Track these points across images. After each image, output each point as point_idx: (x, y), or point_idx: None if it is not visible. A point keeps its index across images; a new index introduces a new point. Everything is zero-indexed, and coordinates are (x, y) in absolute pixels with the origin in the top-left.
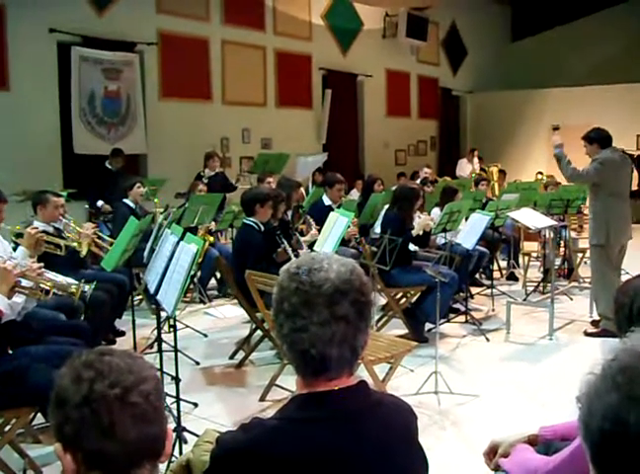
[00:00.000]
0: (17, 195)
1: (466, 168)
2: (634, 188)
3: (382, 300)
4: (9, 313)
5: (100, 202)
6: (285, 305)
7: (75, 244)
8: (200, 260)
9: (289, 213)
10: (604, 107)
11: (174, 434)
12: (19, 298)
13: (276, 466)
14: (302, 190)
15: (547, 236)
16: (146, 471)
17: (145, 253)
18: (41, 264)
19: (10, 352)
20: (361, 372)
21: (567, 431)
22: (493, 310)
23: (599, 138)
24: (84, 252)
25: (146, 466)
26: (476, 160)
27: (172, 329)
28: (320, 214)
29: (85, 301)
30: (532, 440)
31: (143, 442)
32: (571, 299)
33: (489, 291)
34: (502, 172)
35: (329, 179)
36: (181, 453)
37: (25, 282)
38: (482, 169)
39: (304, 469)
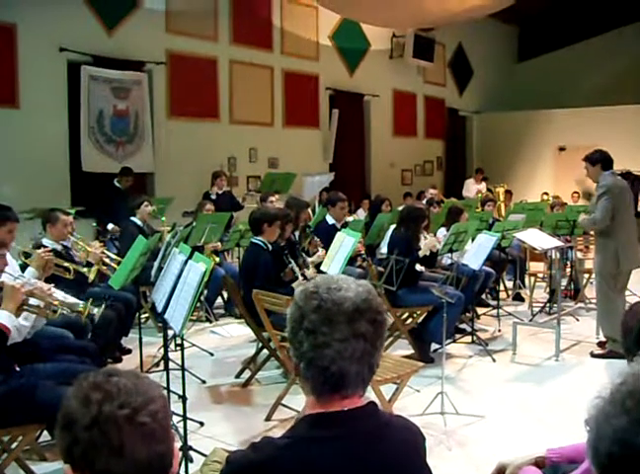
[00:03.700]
0: (26, 212)
1: (473, 188)
2: None
3: (389, 320)
4: (15, 335)
5: (110, 225)
6: (306, 323)
7: (85, 269)
8: (207, 279)
9: (297, 233)
10: (611, 128)
11: (180, 453)
12: (27, 322)
13: None
14: (309, 209)
15: (553, 257)
16: None
17: (153, 271)
18: (51, 285)
19: (17, 369)
20: (368, 393)
21: (574, 453)
22: (499, 331)
23: (601, 159)
24: (92, 277)
25: None
26: (482, 182)
27: (179, 347)
28: (324, 234)
29: (92, 321)
30: (540, 463)
31: (152, 462)
32: (577, 320)
33: (495, 312)
34: (508, 192)
35: (331, 198)
36: (187, 472)
37: (33, 301)
38: (488, 189)
39: None
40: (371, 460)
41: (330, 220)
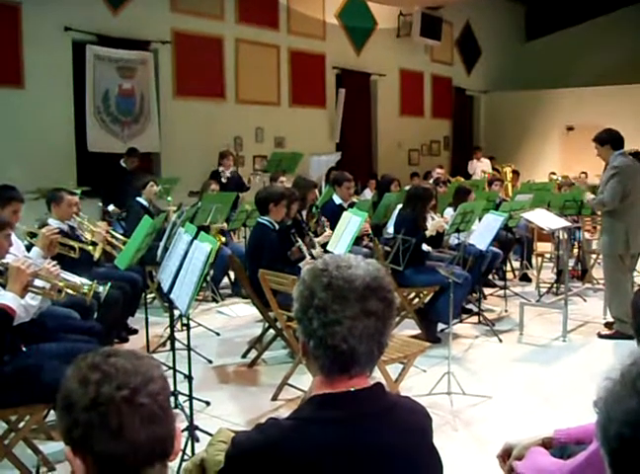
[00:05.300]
0: (31, 192)
1: (475, 166)
2: None
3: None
4: (22, 315)
5: (111, 207)
6: (316, 300)
7: (90, 248)
8: (213, 259)
9: (304, 213)
10: (619, 107)
11: (186, 433)
12: (34, 301)
13: (291, 467)
14: (316, 189)
15: (561, 237)
16: (156, 471)
17: (159, 251)
18: (57, 265)
19: (24, 349)
20: (374, 373)
21: (582, 434)
22: (506, 311)
23: (611, 139)
24: (97, 255)
25: (156, 466)
26: (484, 159)
27: (185, 327)
28: (331, 213)
29: (98, 300)
30: (547, 443)
31: (153, 443)
32: (584, 301)
33: (502, 292)
34: (515, 172)
35: (337, 177)
36: (193, 452)
37: (38, 282)
38: (495, 169)
39: (320, 470)
40: (378, 442)
41: (337, 200)
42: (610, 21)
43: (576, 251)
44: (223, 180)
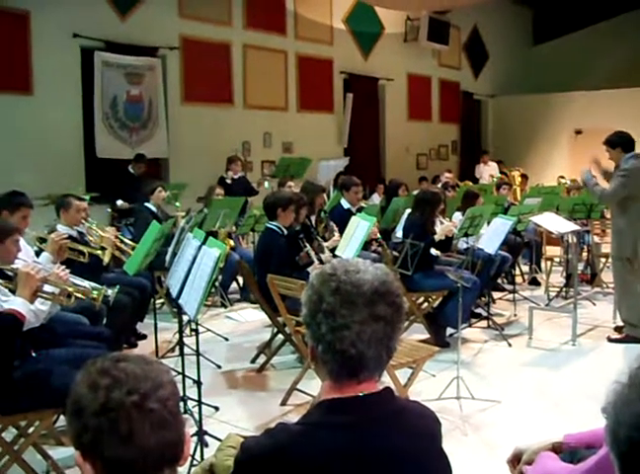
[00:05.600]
0: (41, 199)
1: (482, 170)
2: None
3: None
4: (32, 320)
5: (119, 202)
6: (324, 305)
7: (99, 252)
8: (222, 264)
9: (313, 218)
10: (627, 110)
11: (195, 438)
12: (44, 306)
13: (300, 471)
14: (324, 194)
15: (570, 241)
16: None
17: (167, 257)
18: (67, 270)
19: (33, 354)
20: (383, 377)
21: (592, 438)
22: (515, 315)
23: (621, 142)
24: (106, 260)
25: (165, 471)
26: (491, 163)
27: (194, 332)
28: (340, 218)
29: (108, 305)
30: (557, 448)
31: (162, 448)
32: (594, 305)
33: (511, 296)
34: (524, 176)
35: (345, 182)
36: (202, 457)
37: (48, 287)
38: (502, 172)
39: None
40: (387, 447)
41: (345, 204)
42: (618, 24)
43: (585, 254)
44: (228, 181)
